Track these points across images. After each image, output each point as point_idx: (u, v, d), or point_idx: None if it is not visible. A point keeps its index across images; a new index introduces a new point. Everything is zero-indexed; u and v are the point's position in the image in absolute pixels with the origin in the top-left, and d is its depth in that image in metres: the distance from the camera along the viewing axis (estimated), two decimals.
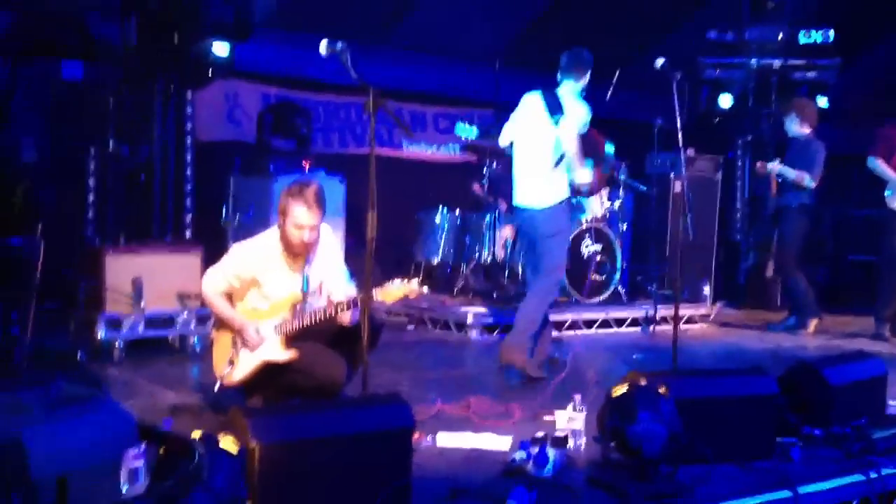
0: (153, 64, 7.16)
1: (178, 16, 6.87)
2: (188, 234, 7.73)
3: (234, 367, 4.41)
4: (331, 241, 4.68)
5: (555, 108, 5.79)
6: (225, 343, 4.48)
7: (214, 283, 4.47)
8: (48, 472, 1.89)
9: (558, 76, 5.96)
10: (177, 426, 3.17)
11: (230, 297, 4.50)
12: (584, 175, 5.97)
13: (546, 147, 5.85)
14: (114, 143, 7.09)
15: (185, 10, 6.86)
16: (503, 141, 6.26)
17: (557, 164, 5.83)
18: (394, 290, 4.28)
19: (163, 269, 6.21)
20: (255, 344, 4.36)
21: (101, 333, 5.91)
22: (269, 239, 4.51)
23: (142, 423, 2.29)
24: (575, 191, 6.15)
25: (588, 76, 5.94)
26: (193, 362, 6.02)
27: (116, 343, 5.95)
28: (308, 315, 4.36)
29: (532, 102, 5.98)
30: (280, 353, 4.36)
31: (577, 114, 5.77)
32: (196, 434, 2.83)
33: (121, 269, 6.06)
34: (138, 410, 4.29)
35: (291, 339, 4.38)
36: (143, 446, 3.10)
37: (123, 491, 3.09)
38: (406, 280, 4.32)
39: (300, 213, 4.34)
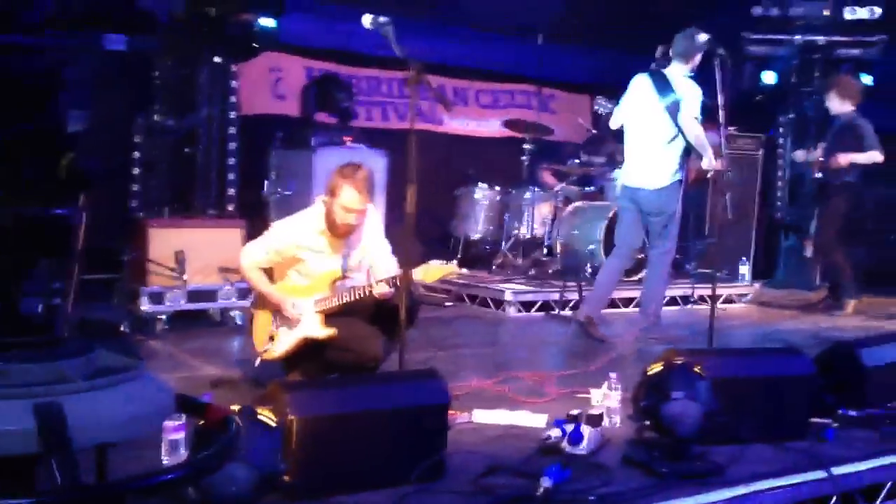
0: (197, 37, 7.22)
1: None
2: (231, 207, 7.81)
3: (274, 343, 4.47)
4: (374, 219, 4.71)
5: (664, 88, 5.93)
6: (265, 319, 4.54)
7: (252, 257, 4.51)
8: (87, 441, 1.95)
9: (670, 56, 6.13)
10: (217, 399, 3.25)
11: (270, 273, 4.55)
12: (711, 161, 6.07)
13: (657, 127, 6.02)
14: (159, 115, 7.17)
15: None
16: (614, 123, 6.49)
17: (670, 143, 5.95)
18: (433, 271, 4.33)
19: (205, 242, 6.30)
20: (294, 319, 4.42)
21: (143, 306, 6.01)
22: (312, 217, 4.52)
23: (181, 396, 2.35)
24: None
25: (698, 58, 6.07)
26: (234, 336, 6.10)
27: (159, 316, 6.05)
28: (347, 292, 4.40)
29: (640, 84, 6.17)
30: (319, 331, 4.40)
31: (693, 94, 5.88)
32: (235, 407, 2.90)
33: (164, 241, 6.15)
34: (179, 383, 4.40)
35: (330, 317, 4.43)
36: (182, 418, 3.19)
37: (164, 462, 3.18)
38: (445, 261, 4.36)
39: (350, 196, 4.36)
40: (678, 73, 6.10)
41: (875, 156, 7.81)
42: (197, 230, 6.37)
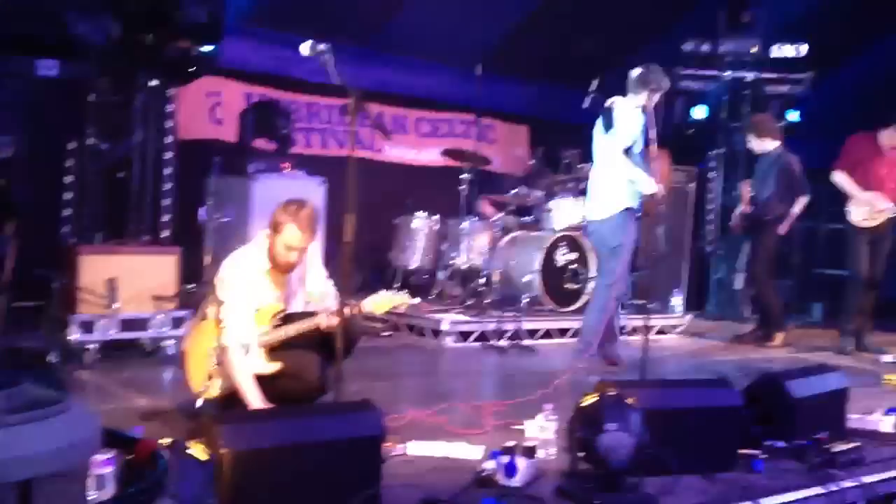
0: (133, 61, 7.15)
1: (155, 14, 6.86)
2: (166, 234, 7.71)
3: (213, 380, 4.36)
4: (314, 251, 4.66)
5: (606, 120, 6.09)
6: (200, 355, 4.41)
7: (238, 328, 4.26)
8: (10, 476, 1.90)
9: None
10: (148, 432, 3.20)
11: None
12: (647, 185, 6.16)
13: (599, 158, 6.18)
14: (92, 140, 7.06)
15: (161, 10, 6.86)
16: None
17: (609, 174, 6.07)
18: (384, 301, 4.34)
19: (139, 269, 6.18)
20: None
21: (73, 335, 5.84)
22: (257, 256, 4.42)
23: (110, 430, 2.31)
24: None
25: (645, 94, 6.20)
26: (167, 367, 5.97)
27: (89, 345, 5.89)
28: (292, 328, 4.34)
29: (599, 119, 6.27)
30: (264, 366, 4.32)
31: (623, 126, 6.10)
32: (165, 441, 2.86)
33: (95, 268, 6.01)
34: (109, 415, 4.28)
35: (273, 350, 4.37)
36: (111, 453, 3.13)
37: (90, 498, 3.11)
38: (395, 290, 4.36)
39: (292, 235, 4.30)
40: (620, 105, 6.22)
41: (803, 201, 8.04)
42: (130, 257, 6.24)
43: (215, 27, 7.04)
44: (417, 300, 4.75)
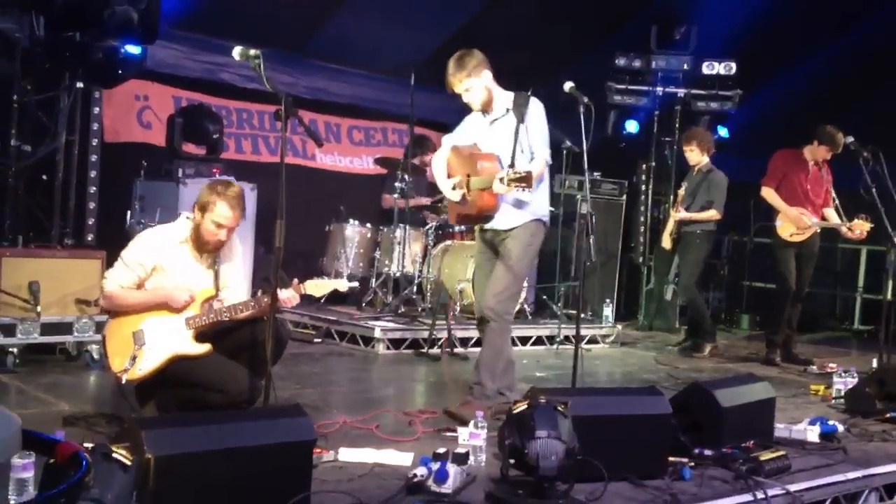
0: (58, 61, 6.98)
1: (83, 14, 6.71)
2: (90, 238, 7.53)
3: (137, 362, 4.28)
4: (238, 246, 4.70)
5: None
6: (122, 337, 4.34)
7: (118, 279, 4.38)
8: None
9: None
10: (70, 437, 3.09)
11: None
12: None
13: None
14: (14, 140, 6.87)
15: (90, 10, 6.72)
16: None
17: None
18: (323, 285, 4.40)
19: (62, 273, 6.04)
20: (160, 338, 4.29)
21: None
22: (178, 230, 4.47)
23: (29, 433, 2.23)
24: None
25: None
26: (90, 371, 5.86)
27: (10, 349, 5.73)
28: (226, 310, 4.35)
29: None
30: (192, 347, 4.31)
31: None
32: (88, 445, 2.77)
33: (17, 271, 5.86)
34: (30, 419, 4.17)
35: (202, 335, 4.35)
36: (31, 456, 3.02)
37: (10, 501, 3.00)
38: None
39: (222, 211, 4.34)
40: None
41: (713, 215, 8.20)
42: (53, 260, 6.10)
43: (149, 28, 6.92)
44: (356, 284, 4.85)
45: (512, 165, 4.86)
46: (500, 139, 5.05)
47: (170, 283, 4.39)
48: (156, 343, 4.31)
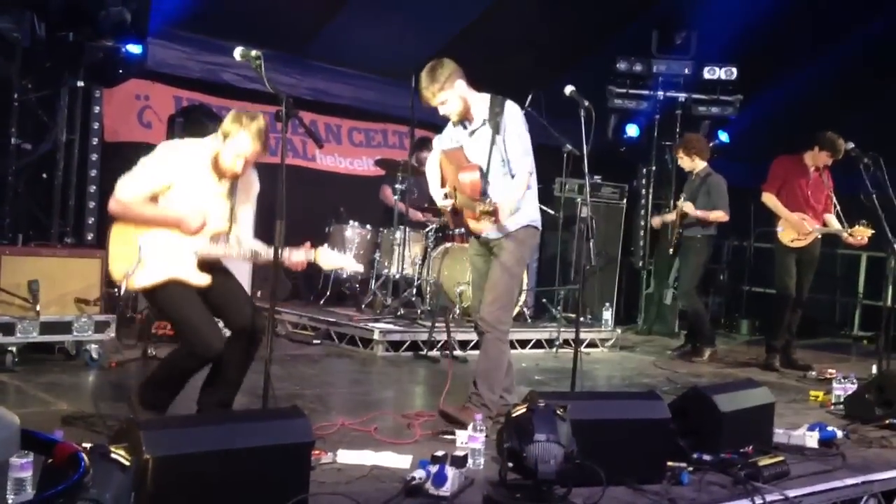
0: (59, 60, 6.99)
1: (79, 14, 6.73)
2: (90, 237, 7.52)
3: (139, 269, 4.21)
4: (255, 184, 4.61)
5: None
6: (128, 240, 4.28)
7: (135, 189, 4.27)
8: None
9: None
10: (68, 436, 3.09)
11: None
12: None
13: None
14: (15, 139, 6.87)
15: (86, 10, 6.73)
16: None
17: None
18: (333, 258, 4.42)
19: (61, 272, 6.02)
20: (169, 251, 4.25)
21: None
22: (204, 149, 4.36)
23: (28, 432, 2.22)
24: None
25: None
26: (89, 371, 5.85)
27: (9, 348, 5.71)
28: (228, 248, 4.34)
29: None
30: (192, 275, 4.26)
31: None
32: (87, 445, 2.76)
33: (16, 270, 5.84)
34: (29, 419, 4.15)
35: (206, 266, 4.31)
36: (29, 456, 3.02)
37: (8, 501, 2.99)
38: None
39: (243, 141, 4.25)
40: None
41: (721, 216, 8.19)
42: (52, 259, 6.08)
43: (139, 27, 6.94)
44: (361, 268, 4.90)
45: (486, 179, 4.87)
46: (480, 150, 4.99)
47: (185, 205, 4.29)
48: (159, 259, 4.24)
